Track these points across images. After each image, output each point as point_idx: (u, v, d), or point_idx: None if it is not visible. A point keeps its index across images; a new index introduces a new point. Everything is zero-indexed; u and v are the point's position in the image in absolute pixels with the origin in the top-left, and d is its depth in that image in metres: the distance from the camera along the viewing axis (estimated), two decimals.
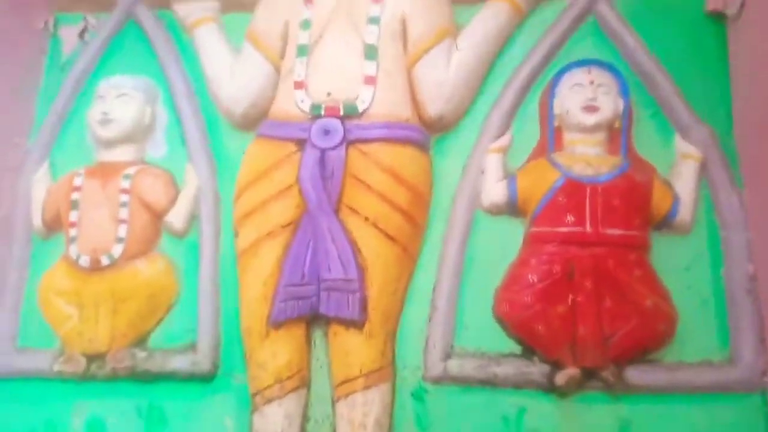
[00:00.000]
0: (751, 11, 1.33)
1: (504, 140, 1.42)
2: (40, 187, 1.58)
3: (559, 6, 1.50)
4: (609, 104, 1.36)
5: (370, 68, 1.40)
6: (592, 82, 1.37)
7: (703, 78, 1.41)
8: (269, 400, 1.28)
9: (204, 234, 1.48)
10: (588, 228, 1.27)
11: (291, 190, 1.37)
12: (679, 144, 1.36)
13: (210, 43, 1.58)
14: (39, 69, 1.69)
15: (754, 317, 1.23)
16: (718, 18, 1.43)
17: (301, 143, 1.38)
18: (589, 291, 1.24)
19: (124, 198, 1.49)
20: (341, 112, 1.38)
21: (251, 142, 1.47)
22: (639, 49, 1.42)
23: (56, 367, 1.41)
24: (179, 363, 1.39)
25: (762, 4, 1.29)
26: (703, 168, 1.34)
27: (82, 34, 1.70)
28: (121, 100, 1.56)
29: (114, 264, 1.45)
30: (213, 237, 1.48)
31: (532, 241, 1.33)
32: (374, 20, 1.42)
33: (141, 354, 1.42)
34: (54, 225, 1.55)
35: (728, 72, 1.40)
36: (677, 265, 1.31)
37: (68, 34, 1.71)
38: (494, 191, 1.38)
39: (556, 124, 1.40)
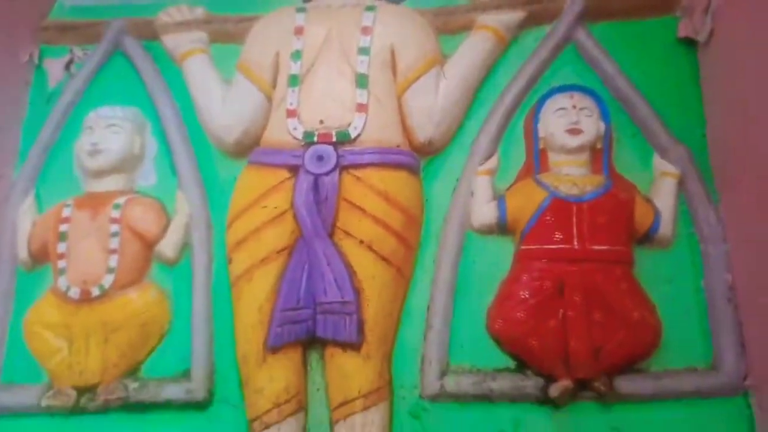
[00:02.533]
0: (720, 38, 1.44)
1: (492, 162, 1.53)
2: (25, 218, 1.63)
3: (540, 33, 1.62)
4: (591, 127, 1.47)
5: (361, 96, 1.50)
6: (574, 107, 1.48)
7: (678, 101, 1.52)
8: (267, 426, 1.34)
9: (196, 261, 1.55)
10: (576, 245, 1.37)
11: (285, 216, 1.45)
12: (658, 162, 1.48)
13: (201, 73, 1.66)
14: (23, 101, 1.76)
15: (735, 324, 1.33)
16: (690, 44, 1.55)
17: (294, 170, 1.47)
18: (579, 305, 1.33)
19: (115, 228, 1.55)
20: (334, 139, 1.47)
21: (243, 170, 1.55)
22: (617, 74, 1.54)
23: (44, 402, 1.45)
24: (173, 392, 1.44)
25: (729, 32, 1.42)
26: (681, 184, 1.45)
27: (68, 66, 1.78)
28: (110, 131, 1.63)
29: (104, 294, 1.51)
30: (205, 264, 1.54)
31: (522, 259, 1.42)
32: (364, 51, 1.53)
33: (133, 384, 1.46)
34: (40, 257, 1.60)
35: (701, 95, 1.52)
36: (660, 277, 1.40)
37: (53, 67, 1.78)
38: (484, 212, 1.48)
39: (540, 146, 1.51)
